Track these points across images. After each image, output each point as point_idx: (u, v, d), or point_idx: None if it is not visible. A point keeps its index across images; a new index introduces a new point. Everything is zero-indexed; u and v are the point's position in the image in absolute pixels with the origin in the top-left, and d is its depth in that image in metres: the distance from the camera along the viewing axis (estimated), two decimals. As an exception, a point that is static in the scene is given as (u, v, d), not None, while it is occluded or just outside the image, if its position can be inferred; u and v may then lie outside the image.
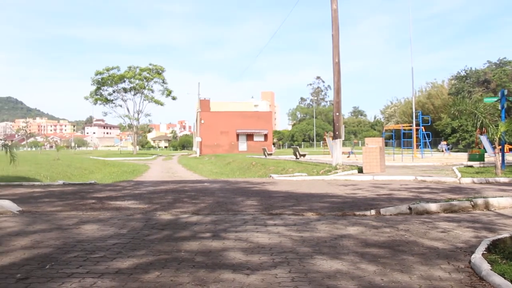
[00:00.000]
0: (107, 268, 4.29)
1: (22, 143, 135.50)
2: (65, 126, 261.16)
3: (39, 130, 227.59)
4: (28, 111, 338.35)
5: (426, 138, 33.02)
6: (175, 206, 8.80)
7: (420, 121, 32.24)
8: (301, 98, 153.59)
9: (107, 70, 73.22)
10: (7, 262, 4.50)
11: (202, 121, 66.61)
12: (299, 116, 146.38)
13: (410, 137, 33.73)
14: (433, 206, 8.05)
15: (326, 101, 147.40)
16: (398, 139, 49.13)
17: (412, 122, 34.13)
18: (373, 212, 7.77)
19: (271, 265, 4.39)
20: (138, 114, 78.15)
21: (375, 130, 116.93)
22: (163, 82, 75.41)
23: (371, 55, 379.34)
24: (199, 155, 60.01)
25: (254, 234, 5.89)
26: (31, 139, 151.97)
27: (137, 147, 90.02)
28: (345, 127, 22.82)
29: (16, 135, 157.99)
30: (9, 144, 16.86)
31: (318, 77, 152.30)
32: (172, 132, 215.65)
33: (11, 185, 13.68)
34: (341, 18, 19.63)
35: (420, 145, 33.13)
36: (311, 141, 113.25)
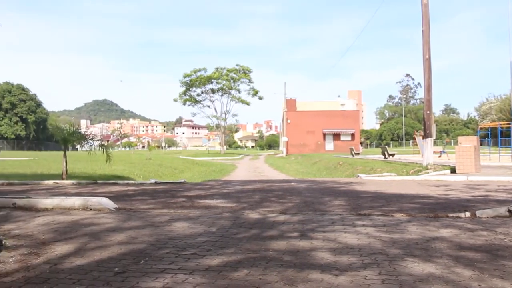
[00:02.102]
0: (198, 265, 4.39)
1: (117, 143, 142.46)
2: (156, 126, 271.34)
3: (132, 131, 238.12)
4: (122, 112, 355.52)
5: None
6: (263, 205, 8.87)
7: (519, 118, 30.37)
8: (390, 96, 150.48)
9: (195, 72, 75.20)
10: (105, 256, 4.73)
11: (289, 121, 66.78)
12: (387, 114, 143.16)
13: (509, 135, 31.83)
14: (534, 209, 7.56)
15: (416, 99, 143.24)
16: (494, 138, 46.57)
17: (511, 120, 32.23)
18: (467, 214, 7.40)
19: (360, 266, 4.30)
20: (226, 114, 79.73)
21: (468, 128, 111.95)
22: (250, 82, 76.38)
23: (464, 50, 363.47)
24: (286, 155, 60.22)
25: (342, 234, 5.81)
26: (125, 140, 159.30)
27: (225, 147, 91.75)
28: (436, 125, 21.99)
29: (111, 136, 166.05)
30: (105, 144, 17.76)
31: (407, 75, 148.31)
32: (258, 132, 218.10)
33: (108, 183, 14.37)
34: (431, 12, 18.91)
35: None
36: (400, 141, 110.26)
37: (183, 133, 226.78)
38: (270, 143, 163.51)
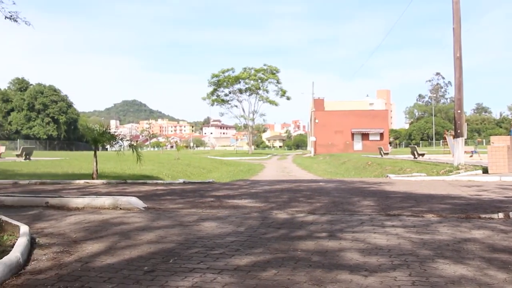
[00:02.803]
0: (226, 264, 4.40)
1: (146, 144, 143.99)
2: (184, 126, 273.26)
3: (160, 131, 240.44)
4: (151, 113, 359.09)
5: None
6: (291, 205, 8.85)
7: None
8: (419, 95, 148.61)
9: (223, 72, 75.56)
10: (135, 255, 4.78)
11: (316, 121, 66.55)
12: (416, 114, 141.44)
13: (542, 134, 31.11)
14: None
15: (446, 98, 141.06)
16: (527, 137, 45.46)
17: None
18: (501, 215, 7.24)
19: (390, 267, 4.25)
20: (253, 114, 79.85)
21: (501, 128, 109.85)
22: (278, 82, 76.32)
23: (496, 48, 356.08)
24: (314, 155, 60.01)
25: (371, 235, 5.75)
26: (154, 140, 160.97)
27: (253, 147, 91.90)
28: (467, 125, 21.61)
29: (140, 136, 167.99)
30: (135, 144, 17.96)
31: (437, 73, 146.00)
32: (286, 132, 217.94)
33: (137, 183, 14.52)
34: (463, 10, 18.57)
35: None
36: (429, 140, 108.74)
37: (211, 133, 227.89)
38: (298, 143, 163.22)
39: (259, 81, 75.97)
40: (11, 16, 13.11)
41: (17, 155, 32.00)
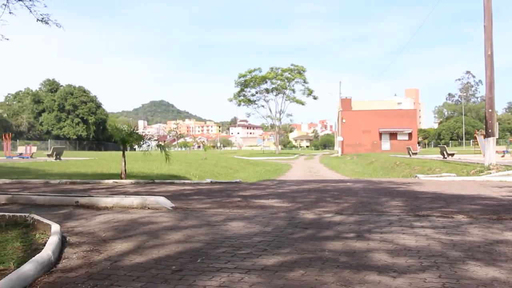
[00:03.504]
0: (253, 264, 4.40)
1: (173, 144, 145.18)
2: (211, 127, 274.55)
3: (188, 131, 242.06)
4: (178, 113, 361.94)
5: None
6: (318, 205, 8.80)
7: None
8: (449, 94, 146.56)
9: (250, 72, 75.75)
10: (163, 254, 4.82)
11: (344, 120, 66.18)
12: (446, 113, 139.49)
13: None
14: None
15: (477, 97, 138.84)
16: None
17: None
18: (534, 216, 7.08)
19: (419, 269, 4.19)
20: (280, 114, 79.86)
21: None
22: (304, 82, 76.20)
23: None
24: (341, 155, 59.68)
25: (400, 236, 5.68)
26: (181, 140, 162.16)
27: (279, 147, 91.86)
28: (499, 124, 21.23)
29: (168, 136, 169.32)
30: (163, 144, 18.10)
31: (467, 72, 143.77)
32: (313, 132, 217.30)
33: (165, 182, 14.62)
34: (494, 7, 18.23)
35: None
36: (459, 140, 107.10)
37: (238, 133, 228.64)
38: (325, 143, 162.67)
39: (286, 80, 75.90)
40: (43, 18, 13.38)
41: (48, 155, 32.66)
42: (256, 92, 78.80)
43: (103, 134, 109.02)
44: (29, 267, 3.93)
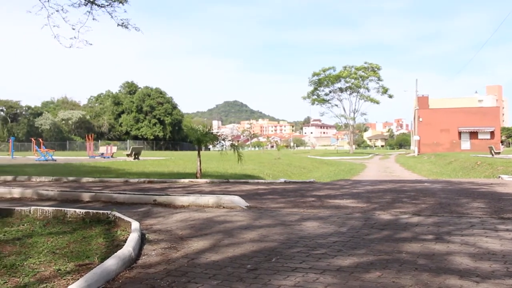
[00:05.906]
0: (328, 265, 4.36)
1: (247, 143, 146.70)
2: (285, 126, 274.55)
3: (261, 131, 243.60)
4: (252, 113, 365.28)
5: None
6: (394, 206, 8.60)
7: None
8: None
9: (323, 71, 75.24)
10: (238, 253, 4.87)
11: (420, 119, 64.26)
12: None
13: None
14: None
15: None
16: None
17: None
18: None
19: (505, 274, 3.98)
20: (354, 113, 78.76)
21: None
22: (379, 80, 74.72)
23: None
24: (417, 154, 57.97)
25: (482, 239, 5.44)
26: (254, 140, 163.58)
27: (353, 146, 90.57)
28: None
29: (241, 136, 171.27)
30: (236, 144, 18.31)
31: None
32: (388, 131, 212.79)
33: (239, 182, 14.77)
34: None
35: None
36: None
37: (311, 132, 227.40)
38: (401, 142, 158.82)
39: (360, 79, 74.76)
40: (123, 23, 13.93)
41: (127, 155, 33.87)
42: (330, 91, 78.19)
43: (179, 134, 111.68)
44: (111, 262, 4.10)
